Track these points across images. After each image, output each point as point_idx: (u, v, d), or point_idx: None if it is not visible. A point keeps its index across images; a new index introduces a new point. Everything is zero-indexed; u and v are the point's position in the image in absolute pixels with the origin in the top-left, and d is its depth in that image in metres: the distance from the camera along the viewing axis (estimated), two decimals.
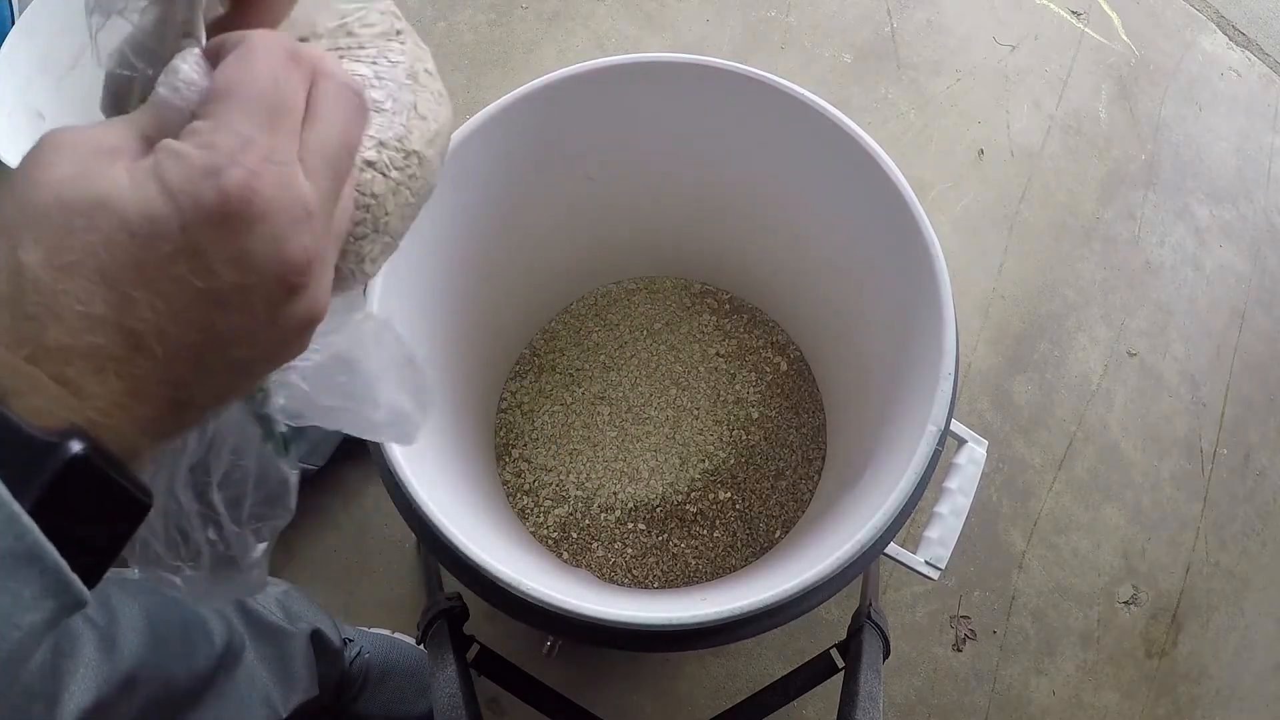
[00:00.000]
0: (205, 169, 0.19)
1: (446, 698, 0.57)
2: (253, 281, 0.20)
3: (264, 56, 0.21)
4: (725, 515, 0.86)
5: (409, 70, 0.29)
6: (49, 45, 0.84)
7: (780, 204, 0.78)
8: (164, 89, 0.22)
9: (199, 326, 0.20)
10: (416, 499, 0.51)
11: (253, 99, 0.20)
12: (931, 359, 0.58)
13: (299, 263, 0.21)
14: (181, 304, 0.20)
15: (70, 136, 0.20)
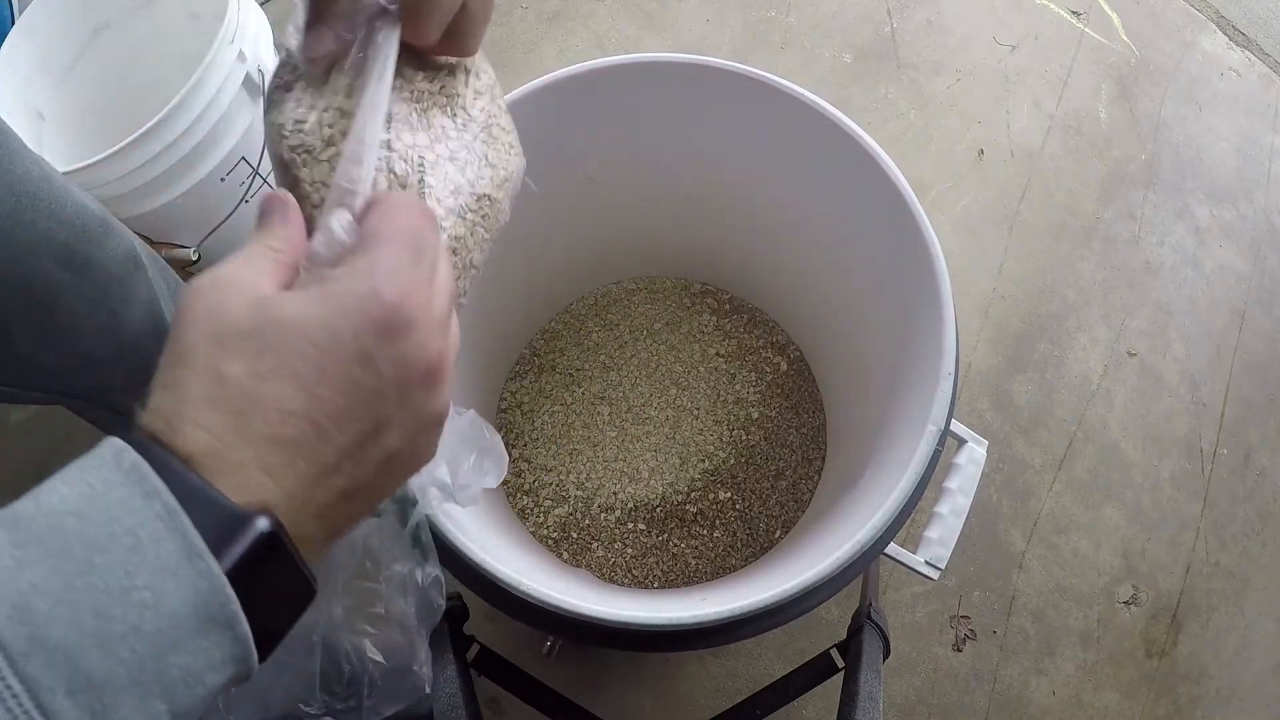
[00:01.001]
0: (370, 290, 0.25)
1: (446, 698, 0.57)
2: (406, 376, 0.26)
3: (404, 211, 0.27)
4: (725, 515, 0.86)
5: (484, 124, 0.36)
6: (49, 45, 0.84)
7: (780, 204, 0.78)
8: (320, 245, 0.28)
9: (367, 416, 0.25)
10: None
11: (400, 240, 0.26)
12: (931, 359, 0.58)
13: (437, 360, 0.27)
14: (355, 397, 0.25)
15: (234, 276, 0.26)
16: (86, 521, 0.21)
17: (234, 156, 0.79)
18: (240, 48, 0.76)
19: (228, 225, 0.82)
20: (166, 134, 0.72)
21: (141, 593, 0.21)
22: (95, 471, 0.22)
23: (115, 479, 0.22)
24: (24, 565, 0.20)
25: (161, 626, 0.21)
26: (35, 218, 0.50)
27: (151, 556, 0.21)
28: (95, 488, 0.22)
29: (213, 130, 0.75)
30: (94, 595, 0.21)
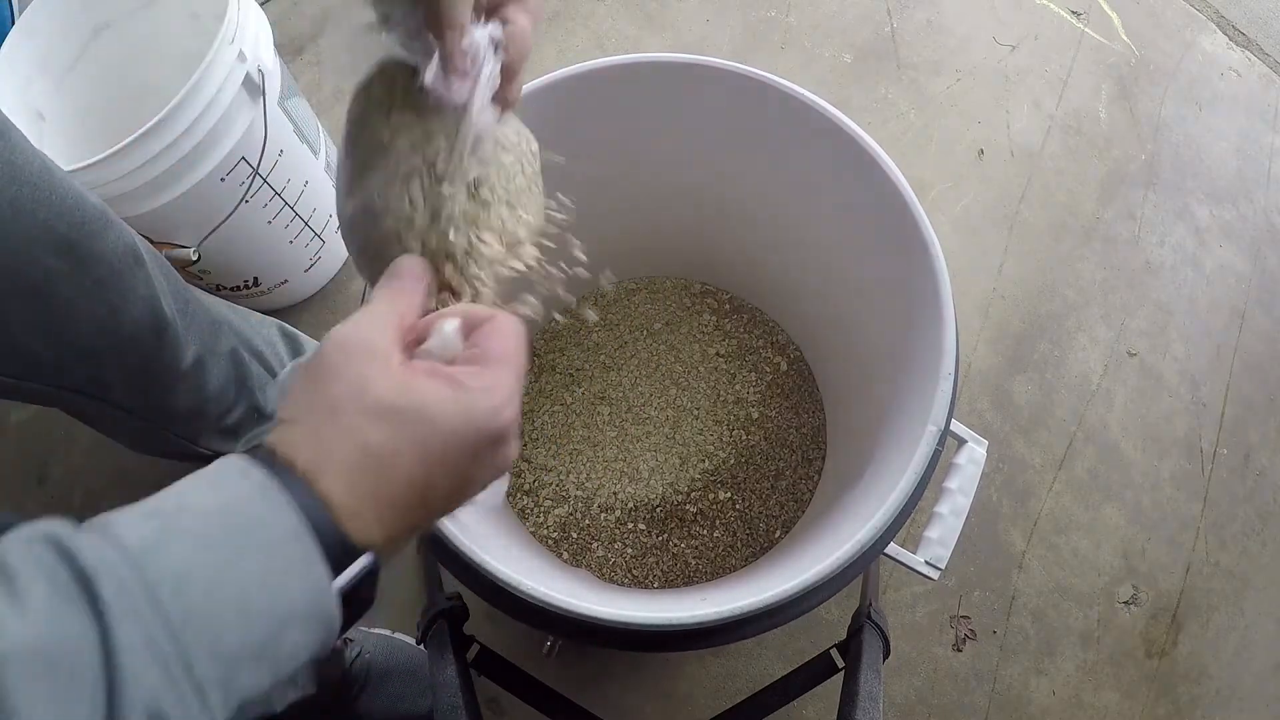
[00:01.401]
0: (493, 410, 0.32)
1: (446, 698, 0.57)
2: (497, 470, 0.34)
3: (514, 337, 0.34)
4: (725, 515, 0.86)
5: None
6: (49, 45, 0.84)
7: (780, 204, 0.78)
8: (435, 345, 0.34)
9: (459, 493, 0.33)
10: None
11: (513, 365, 0.33)
12: (931, 359, 0.58)
13: (514, 456, 0.34)
14: (457, 481, 0.32)
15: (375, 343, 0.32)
16: (229, 521, 0.26)
17: (234, 156, 0.79)
18: (240, 48, 0.76)
19: (228, 225, 0.82)
20: (166, 134, 0.72)
21: (270, 584, 0.26)
22: (229, 482, 0.27)
23: (248, 491, 0.27)
24: (183, 553, 0.25)
25: (283, 612, 0.26)
26: (35, 208, 0.50)
27: (283, 557, 0.27)
28: (232, 497, 0.27)
29: (213, 130, 0.75)
30: (236, 582, 0.25)
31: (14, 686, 0.20)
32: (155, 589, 0.24)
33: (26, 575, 0.22)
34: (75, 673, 0.21)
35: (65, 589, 0.22)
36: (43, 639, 0.21)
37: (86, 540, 0.24)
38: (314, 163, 0.93)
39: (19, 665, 0.21)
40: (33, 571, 0.22)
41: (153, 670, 0.23)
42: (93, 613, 0.22)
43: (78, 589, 0.23)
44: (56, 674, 0.21)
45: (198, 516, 0.26)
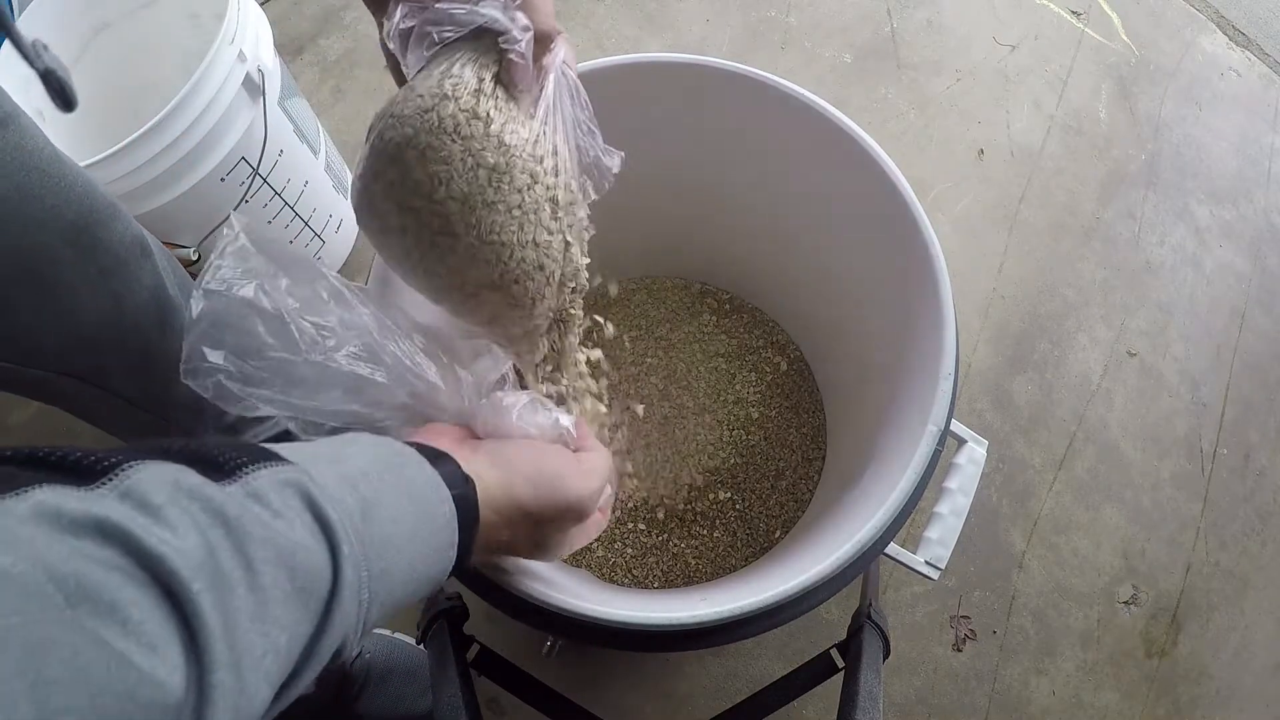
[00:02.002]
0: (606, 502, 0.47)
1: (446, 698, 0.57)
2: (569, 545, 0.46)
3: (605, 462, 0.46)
4: (725, 515, 0.86)
5: None
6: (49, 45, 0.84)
7: (780, 204, 0.78)
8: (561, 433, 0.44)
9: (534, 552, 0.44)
10: None
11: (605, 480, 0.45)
12: (931, 359, 0.58)
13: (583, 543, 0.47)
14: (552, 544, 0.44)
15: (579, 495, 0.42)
16: (414, 504, 0.33)
17: (234, 156, 0.79)
18: (240, 48, 0.76)
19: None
20: (166, 134, 0.72)
21: (430, 558, 0.34)
22: (410, 470, 0.34)
23: (423, 479, 0.35)
24: (384, 521, 0.31)
25: (425, 579, 0.34)
26: (43, 194, 0.51)
27: (439, 539, 0.34)
28: (414, 481, 0.34)
29: (213, 130, 0.75)
30: (412, 552, 0.32)
31: (278, 599, 0.25)
32: (368, 547, 0.29)
33: (290, 511, 0.27)
34: (313, 596, 0.27)
35: (314, 530, 0.28)
36: (299, 567, 0.26)
37: (320, 491, 0.29)
38: (314, 163, 0.93)
39: (283, 585, 0.25)
40: (292, 512, 0.27)
41: (352, 608, 0.28)
42: (331, 556, 0.28)
43: (322, 533, 0.28)
44: (304, 594, 0.26)
45: (393, 494, 0.32)
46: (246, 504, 0.26)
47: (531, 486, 0.39)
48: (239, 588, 0.24)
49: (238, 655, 0.23)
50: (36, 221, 0.51)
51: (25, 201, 0.50)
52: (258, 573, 0.24)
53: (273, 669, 0.25)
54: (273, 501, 0.27)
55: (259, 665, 0.24)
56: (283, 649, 0.25)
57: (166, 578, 0.22)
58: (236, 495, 0.26)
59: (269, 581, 0.25)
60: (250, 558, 0.24)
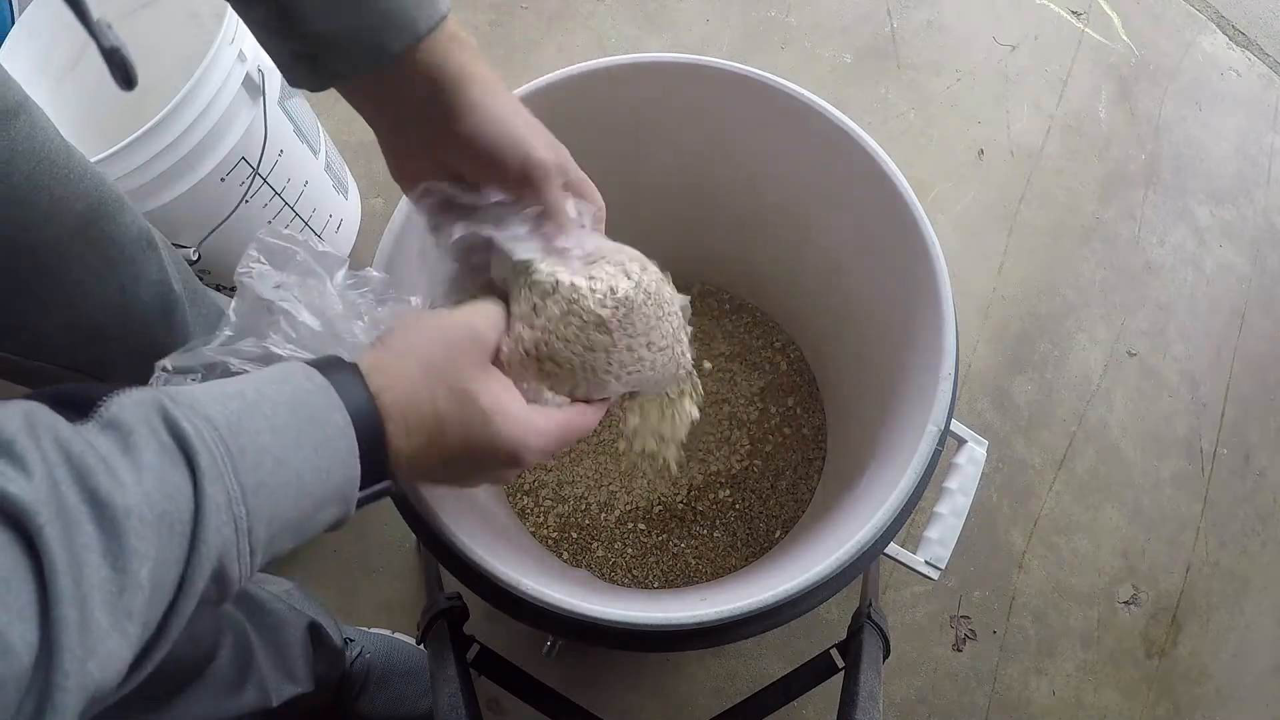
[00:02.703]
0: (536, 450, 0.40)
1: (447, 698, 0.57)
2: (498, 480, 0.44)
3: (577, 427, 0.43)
4: (725, 515, 0.86)
5: None
6: (49, 45, 0.84)
7: (780, 204, 0.78)
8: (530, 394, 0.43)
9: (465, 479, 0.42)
10: (417, 499, 0.51)
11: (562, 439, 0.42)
12: (931, 359, 0.58)
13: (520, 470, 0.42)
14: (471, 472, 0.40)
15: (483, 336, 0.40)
16: (297, 413, 0.31)
17: (234, 156, 0.79)
18: (240, 48, 0.76)
19: (228, 225, 0.82)
20: (166, 134, 0.72)
21: (320, 470, 0.31)
22: (295, 380, 0.33)
23: (310, 388, 0.33)
24: (259, 432, 0.29)
25: (323, 494, 0.32)
26: (53, 185, 0.51)
27: (334, 448, 0.32)
28: (299, 392, 0.32)
29: (213, 130, 0.75)
30: (297, 463, 0.30)
31: (133, 529, 0.24)
32: (237, 459, 0.28)
33: (139, 434, 0.26)
34: (174, 521, 0.26)
35: (169, 449, 0.27)
36: (154, 493, 0.25)
37: (184, 410, 0.28)
38: (314, 162, 0.93)
39: (137, 514, 0.25)
40: (144, 430, 0.26)
41: (227, 528, 0.27)
42: (190, 474, 0.27)
43: (179, 451, 0.27)
44: (162, 521, 0.25)
45: (270, 404, 0.31)
46: (96, 438, 0.25)
47: (404, 338, 0.38)
48: (86, 523, 0.23)
49: (85, 591, 0.23)
50: (45, 212, 0.51)
51: (35, 192, 0.50)
52: (105, 504, 0.24)
53: (134, 602, 0.24)
54: (125, 423, 0.26)
55: (114, 602, 0.23)
56: (145, 580, 0.24)
57: (12, 512, 0.22)
58: (87, 431, 0.26)
59: (119, 512, 0.24)
60: (95, 491, 0.24)
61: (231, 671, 0.59)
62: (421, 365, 0.37)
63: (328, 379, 0.34)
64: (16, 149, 0.48)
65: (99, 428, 0.26)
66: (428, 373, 0.37)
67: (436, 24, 0.39)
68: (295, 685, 0.66)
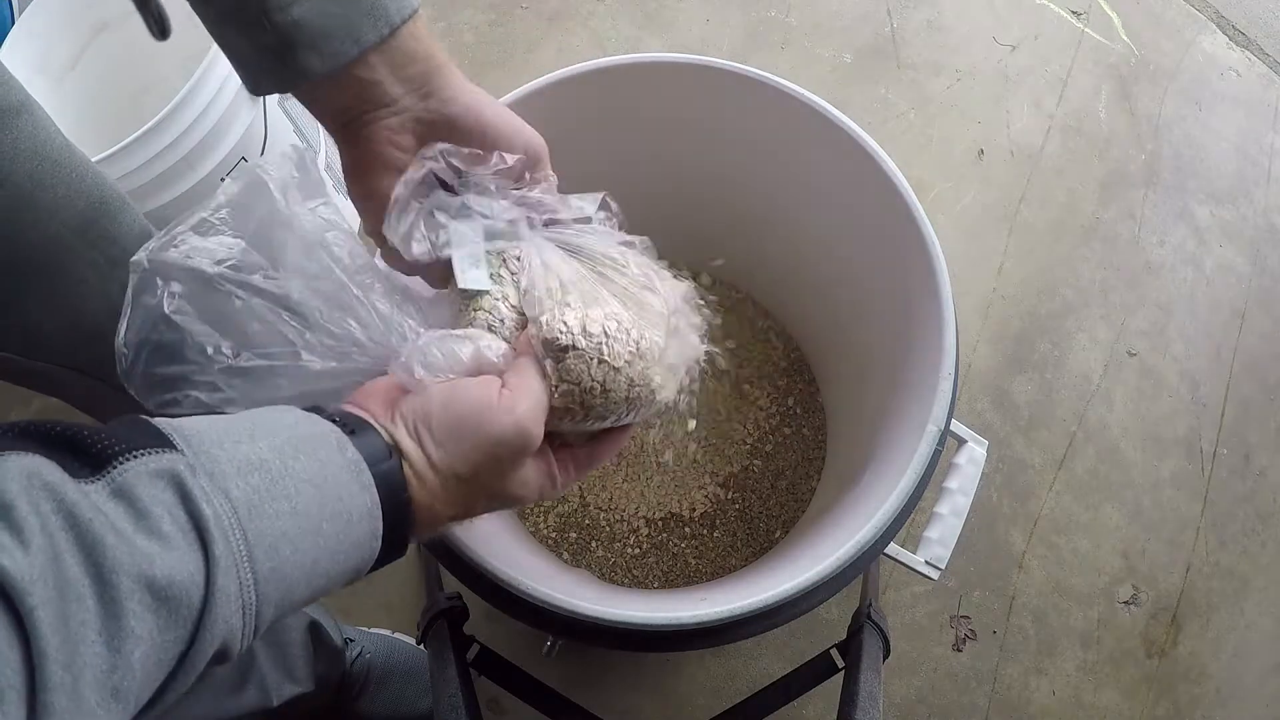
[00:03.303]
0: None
1: (447, 698, 0.57)
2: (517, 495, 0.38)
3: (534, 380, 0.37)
4: (725, 515, 0.86)
5: None
6: (49, 45, 0.84)
7: (780, 204, 0.78)
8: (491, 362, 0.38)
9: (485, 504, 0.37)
10: None
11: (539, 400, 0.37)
12: (931, 359, 0.58)
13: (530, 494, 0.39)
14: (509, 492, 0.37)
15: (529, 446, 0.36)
16: (322, 494, 0.29)
17: (234, 156, 0.79)
18: None
19: None
20: (167, 133, 0.72)
21: (339, 554, 0.30)
22: (325, 450, 0.30)
23: (340, 463, 0.30)
24: (279, 516, 0.28)
25: (336, 575, 0.30)
26: (55, 183, 0.51)
27: (356, 532, 0.30)
28: (326, 465, 0.30)
29: (213, 130, 0.75)
30: (315, 550, 0.29)
31: (133, 612, 0.23)
32: (254, 547, 0.27)
33: (155, 514, 0.25)
34: (181, 605, 0.25)
35: (185, 531, 0.25)
36: (161, 577, 0.24)
37: (203, 485, 0.26)
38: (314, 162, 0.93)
39: (140, 596, 0.23)
40: (160, 510, 0.25)
41: (235, 615, 0.26)
42: (204, 559, 0.25)
43: (194, 534, 0.26)
44: (165, 605, 0.24)
45: (295, 481, 0.29)
46: (106, 504, 0.24)
47: (455, 441, 0.34)
48: (86, 599, 0.22)
49: (76, 673, 0.22)
50: (47, 211, 0.51)
51: (37, 190, 0.50)
52: (109, 583, 0.23)
53: (125, 683, 0.23)
54: (140, 498, 0.25)
55: (103, 681, 0.22)
56: (136, 663, 0.23)
57: (4, 586, 0.21)
58: (97, 494, 0.24)
59: (122, 593, 0.23)
60: (100, 565, 0.23)
61: (233, 671, 0.59)
62: (463, 483, 0.34)
63: (359, 450, 0.31)
64: (19, 148, 0.48)
65: (109, 494, 0.25)
66: (469, 487, 0.35)
67: (412, 14, 0.38)
68: (296, 685, 0.66)
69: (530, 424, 0.35)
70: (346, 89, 0.39)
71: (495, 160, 0.40)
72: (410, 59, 0.38)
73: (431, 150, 0.40)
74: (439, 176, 0.41)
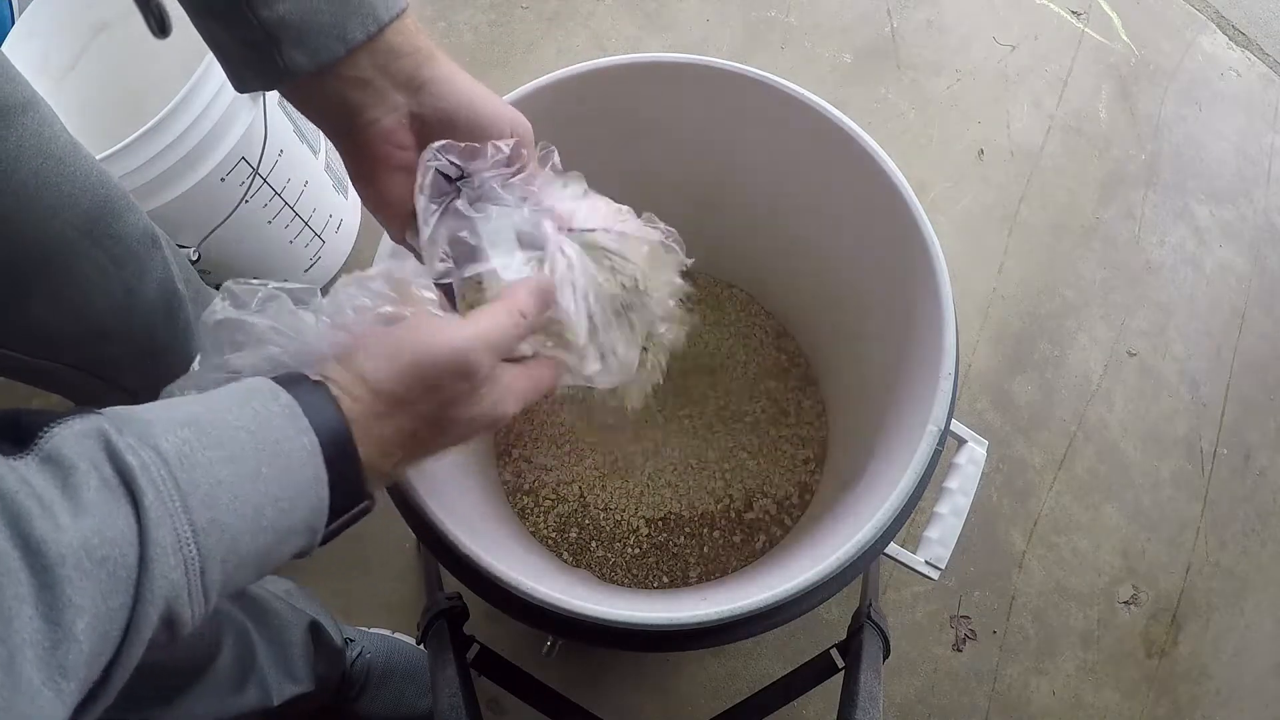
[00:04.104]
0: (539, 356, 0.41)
1: (447, 698, 0.57)
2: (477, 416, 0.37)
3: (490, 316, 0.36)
4: (725, 515, 0.86)
5: None
6: (49, 45, 0.84)
7: (780, 204, 0.78)
8: None
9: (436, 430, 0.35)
10: (417, 499, 0.51)
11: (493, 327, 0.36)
12: (931, 359, 0.58)
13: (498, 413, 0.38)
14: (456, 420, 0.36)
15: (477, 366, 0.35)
16: (257, 439, 0.28)
17: (234, 156, 0.79)
18: None
19: (228, 225, 0.82)
20: (167, 134, 0.72)
21: (283, 501, 0.29)
22: (258, 400, 0.29)
23: (275, 410, 0.29)
24: (213, 464, 0.27)
25: (286, 527, 0.29)
26: (60, 181, 0.51)
27: (297, 478, 0.29)
28: (260, 414, 0.29)
29: (213, 130, 0.75)
30: (256, 496, 0.28)
31: (69, 579, 0.22)
32: (188, 497, 0.26)
33: (80, 470, 0.24)
34: (116, 567, 0.24)
35: (112, 487, 0.24)
36: (93, 537, 0.23)
37: (130, 441, 0.25)
38: (314, 163, 0.93)
39: (74, 561, 0.23)
40: (85, 466, 0.24)
41: (176, 570, 0.25)
42: (135, 513, 0.24)
43: (122, 489, 0.25)
44: (102, 568, 0.23)
45: (229, 430, 0.28)
46: (34, 475, 0.23)
47: (385, 360, 0.32)
48: (18, 570, 0.22)
49: (12, 648, 0.21)
50: (52, 209, 0.51)
51: (42, 189, 0.50)
52: (38, 552, 0.22)
53: (70, 657, 0.22)
54: (66, 457, 0.24)
55: (45, 659, 0.22)
56: (81, 634, 0.22)
57: None
58: (25, 467, 0.24)
59: (53, 560, 0.22)
60: (27, 536, 0.22)
61: (234, 671, 0.59)
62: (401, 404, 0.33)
63: (294, 397, 0.30)
64: (24, 145, 0.48)
65: (37, 462, 0.24)
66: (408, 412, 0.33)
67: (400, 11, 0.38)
68: (296, 685, 0.66)
69: (475, 350, 0.34)
70: (336, 88, 0.38)
71: (492, 152, 0.41)
72: (398, 55, 0.38)
73: (430, 152, 0.40)
74: (443, 173, 0.41)
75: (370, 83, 0.38)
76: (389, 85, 0.39)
